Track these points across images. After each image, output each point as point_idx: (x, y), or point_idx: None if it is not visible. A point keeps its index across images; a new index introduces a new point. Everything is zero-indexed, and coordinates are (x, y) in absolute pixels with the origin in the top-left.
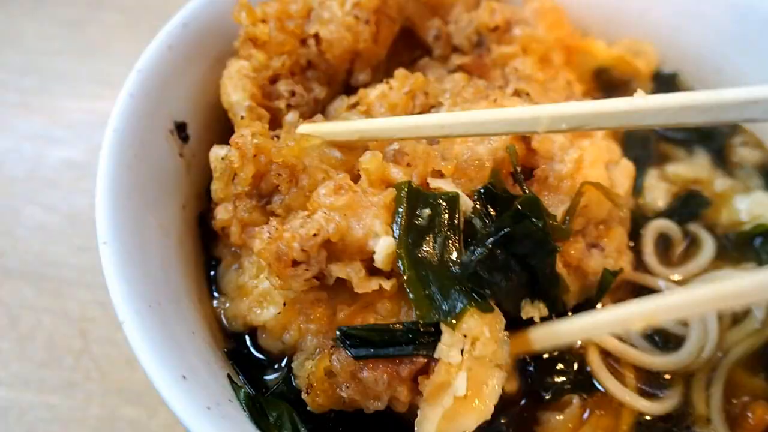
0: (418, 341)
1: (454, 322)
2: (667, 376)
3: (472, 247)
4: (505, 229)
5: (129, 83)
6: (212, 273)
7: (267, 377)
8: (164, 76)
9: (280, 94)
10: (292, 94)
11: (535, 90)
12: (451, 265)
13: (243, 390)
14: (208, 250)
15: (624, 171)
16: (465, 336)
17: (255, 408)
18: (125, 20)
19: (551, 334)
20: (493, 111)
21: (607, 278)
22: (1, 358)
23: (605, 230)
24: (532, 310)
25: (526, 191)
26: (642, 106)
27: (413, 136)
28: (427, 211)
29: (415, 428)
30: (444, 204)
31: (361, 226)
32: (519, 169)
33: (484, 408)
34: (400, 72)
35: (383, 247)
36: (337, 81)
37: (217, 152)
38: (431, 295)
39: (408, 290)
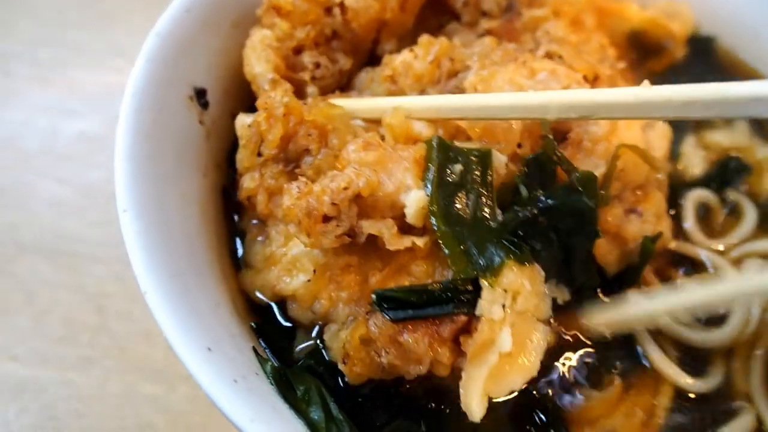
0: (457, 299)
1: (492, 277)
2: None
3: (516, 208)
4: (554, 200)
5: (146, 48)
6: (237, 248)
7: (293, 350)
8: (182, 40)
9: (304, 65)
10: (317, 66)
11: (568, 52)
12: (486, 220)
13: (269, 363)
14: (232, 224)
15: (660, 133)
16: (505, 291)
17: (282, 381)
18: None
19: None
20: (504, 95)
21: (647, 246)
22: (18, 335)
23: (643, 195)
24: (557, 291)
25: (558, 155)
26: (647, 97)
27: (430, 117)
28: (458, 167)
29: (460, 391)
30: (476, 159)
31: (392, 180)
32: (551, 135)
33: (530, 364)
34: (423, 39)
35: (414, 200)
36: (362, 51)
37: (244, 120)
38: (467, 250)
39: (443, 246)
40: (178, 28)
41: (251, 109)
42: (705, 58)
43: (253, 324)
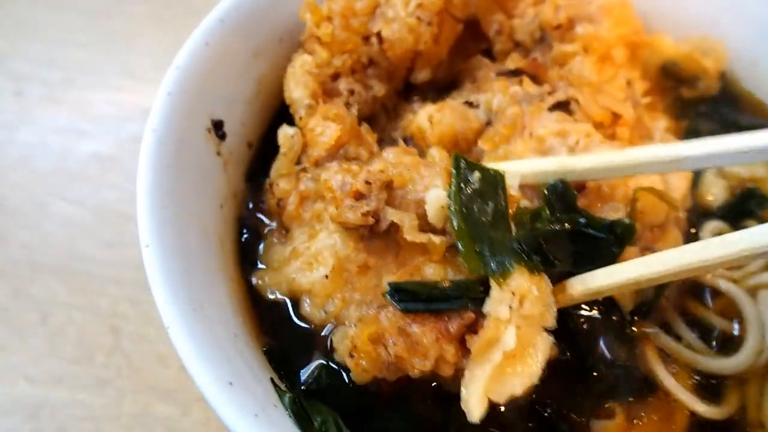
0: (466, 296)
1: (502, 279)
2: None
3: (537, 224)
4: (591, 229)
5: (167, 81)
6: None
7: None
8: (202, 73)
9: (339, 92)
10: (351, 92)
11: (585, 96)
12: (501, 228)
13: (287, 395)
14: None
15: (680, 173)
16: (513, 294)
17: (300, 413)
18: (150, 11)
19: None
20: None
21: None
22: (31, 355)
23: (660, 233)
24: None
25: (581, 215)
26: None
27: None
28: (477, 175)
29: (462, 390)
30: (492, 174)
31: (422, 181)
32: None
33: (531, 370)
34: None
35: (435, 197)
36: (397, 78)
37: (287, 131)
38: (481, 251)
39: (458, 243)
40: (197, 61)
41: (267, 138)
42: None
43: (264, 348)
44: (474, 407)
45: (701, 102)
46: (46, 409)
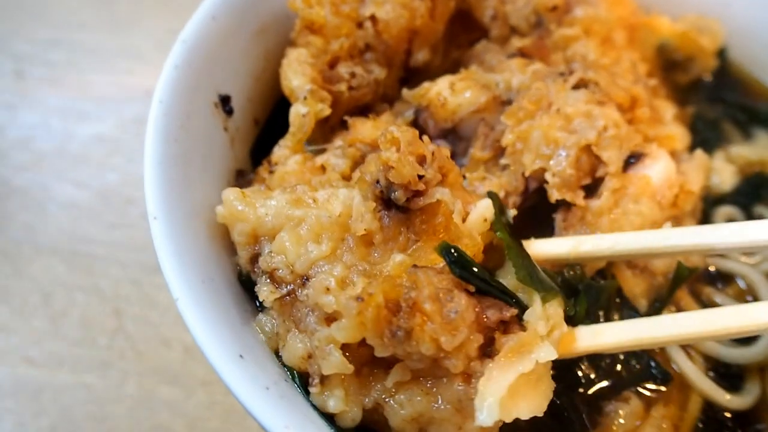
0: (508, 296)
1: (546, 299)
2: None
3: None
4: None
5: (173, 54)
6: None
7: None
8: (208, 47)
9: (340, 77)
10: (353, 75)
11: (603, 77)
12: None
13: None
14: None
15: (697, 164)
16: (548, 319)
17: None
18: None
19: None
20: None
21: (681, 273)
22: (34, 337)
23: (675, 225)
24: None
25: None
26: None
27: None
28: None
29: (478, 388)
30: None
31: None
32: None
33: (538, 403)
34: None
35: (484, 206)
36: (396, 62)
37: (299, 109)
38: (528, 267)
39: (507, 254)
40: (204, 35)
41: (274, 116)
42: (721, 70)
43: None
44: (489, 409)
45: (699, 86)
46: (48, 391)
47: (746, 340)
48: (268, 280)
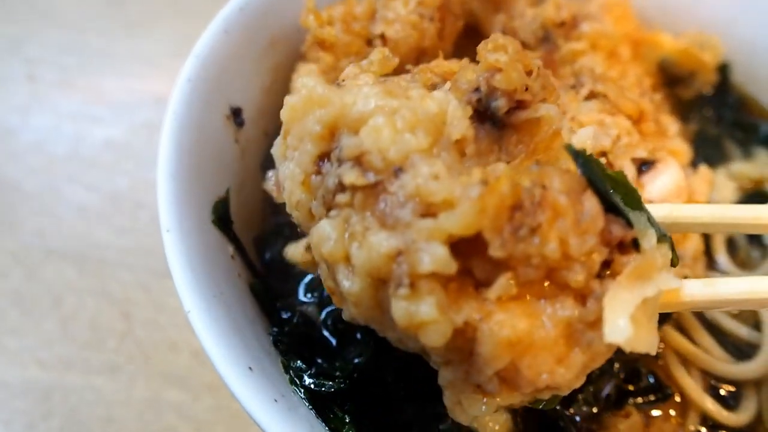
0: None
1: (660, 239)
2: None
3: None
4: None
5: (187, 68)
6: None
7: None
8: (221, 61)
9: None
10: None
11: (612, 90)
12: None
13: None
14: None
15: (702, 178)
16: (663, 256)
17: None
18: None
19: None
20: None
21: None
22: (44, 339)
23: (681, 237)
24: None
25: None
26: None
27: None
28: None
29: (604, 304)
30: None
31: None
32: None
33: (651, 340)
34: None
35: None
36: None
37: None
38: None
39: (615, 190)
40: (216, 49)
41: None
42: (722, 87)
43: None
44: (620, 324)
45: (701, 102)
46: (58, 393)
47: (743, 357)
48: (354, 167)
